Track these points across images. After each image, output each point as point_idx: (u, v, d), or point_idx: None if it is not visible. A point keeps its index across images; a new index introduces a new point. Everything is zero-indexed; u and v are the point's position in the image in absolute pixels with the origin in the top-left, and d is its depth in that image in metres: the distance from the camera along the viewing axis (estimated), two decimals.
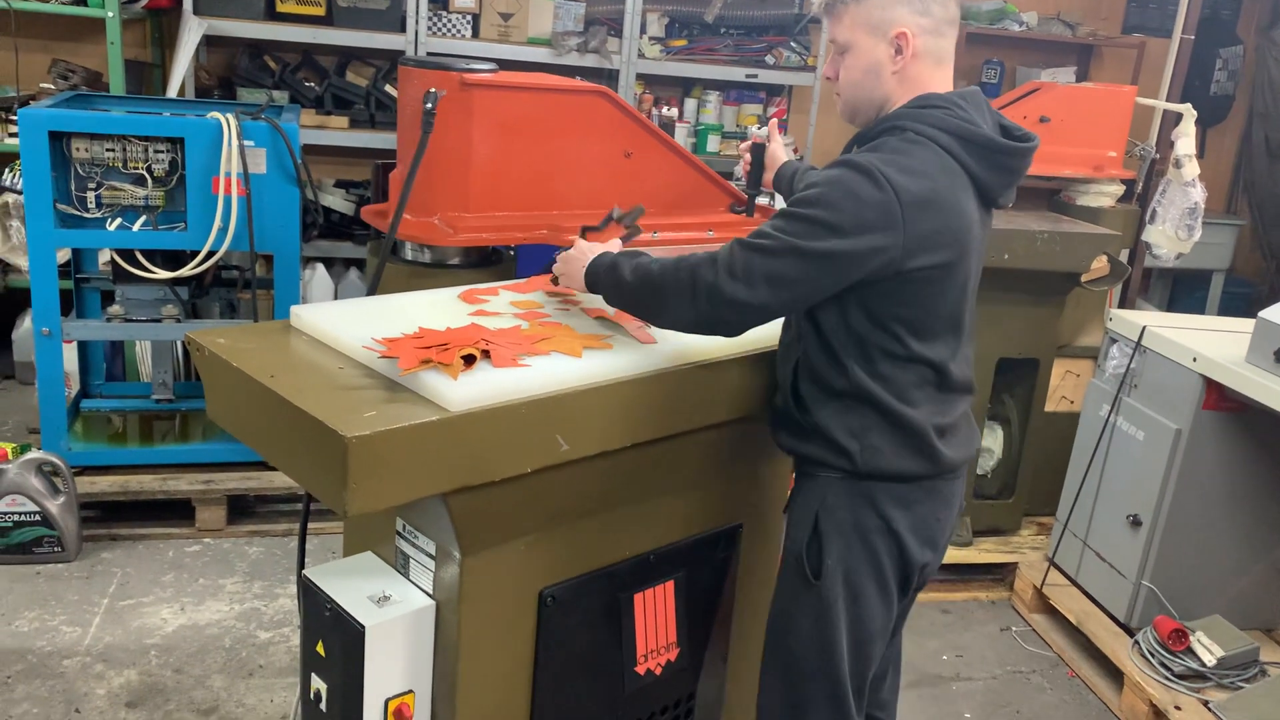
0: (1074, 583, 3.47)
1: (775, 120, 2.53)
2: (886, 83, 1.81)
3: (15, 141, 3.62)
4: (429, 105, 2.16)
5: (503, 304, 1.99)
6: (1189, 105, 3.96)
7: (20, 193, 3.92)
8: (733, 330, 1.79)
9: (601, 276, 1.85)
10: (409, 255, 2.46)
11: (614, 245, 2.00)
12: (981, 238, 1.85)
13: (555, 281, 2.02)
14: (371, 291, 2.20)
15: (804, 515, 1.89)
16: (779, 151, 2.45)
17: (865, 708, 1.99)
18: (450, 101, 2.18)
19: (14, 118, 3.91)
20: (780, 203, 2.78)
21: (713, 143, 5.27)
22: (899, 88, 1.81)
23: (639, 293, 1.79)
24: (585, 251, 1.92)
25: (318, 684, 1.75)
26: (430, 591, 1.74)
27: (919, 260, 1.71)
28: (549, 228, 2.35)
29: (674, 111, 5.20)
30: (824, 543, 1.85)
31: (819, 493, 1.87)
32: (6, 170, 4.32)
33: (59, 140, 3.25)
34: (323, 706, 1.75)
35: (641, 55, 4.92)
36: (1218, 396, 3.01)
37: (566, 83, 2.42)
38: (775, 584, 1.97)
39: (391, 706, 1.70)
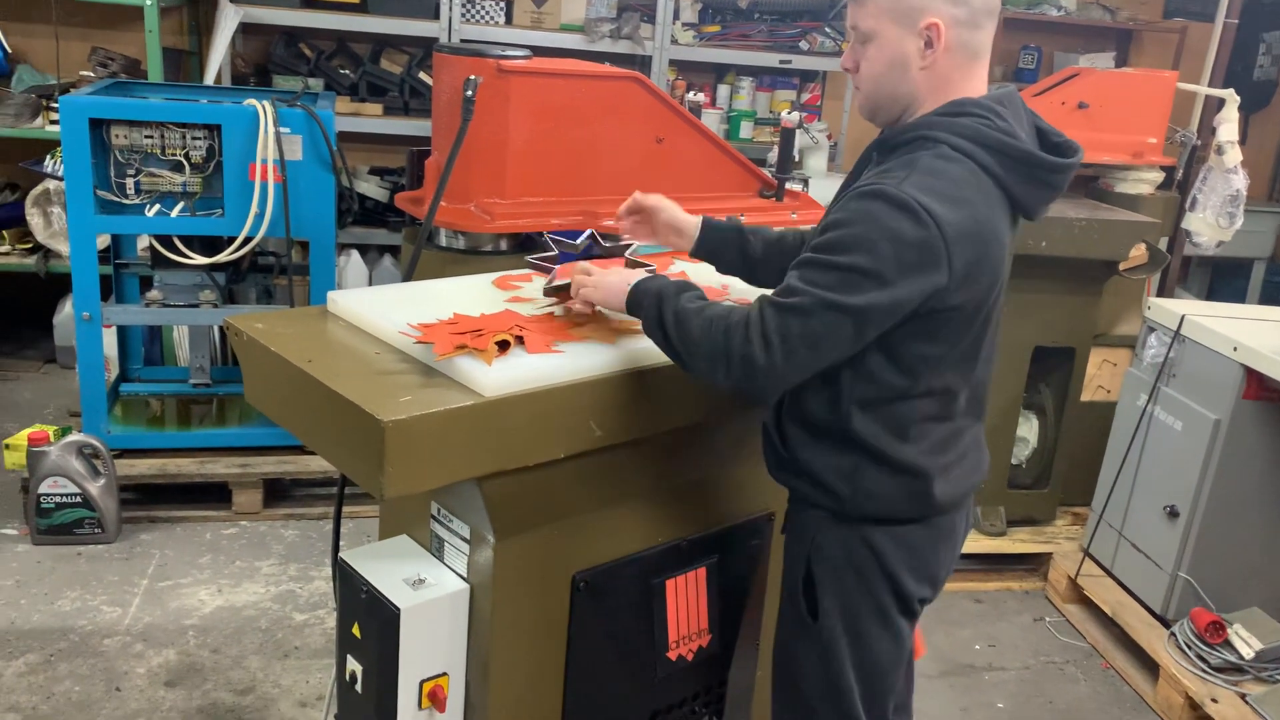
0: (1109, 574, 3.44)
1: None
2: (913, 79, 1.62)
3: (56, 129, 3.67)
4: (469, 92, 2.17)
5: (537, 290, 1.99)
6: (1231, 90, 3.89)
7: (61, 179, 3.98)
8: (770, 399, 1.68)
9: (646, 305, 1.67)
10: (443, 242, 2.47)
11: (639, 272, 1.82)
12: (1008, 255, 1.67)
13: (555, 289, 1.87)
14: (407, 277, 2.21)
15: (797, 550, 1.80)
16: (674, 210, 2.05)
17: None
18: (486, 88, 2.19)
19: (55, 105, 3.96)
20: (817, 186, 2.76)
21: (745, 129, 5.25)
22: (926, 86, 1.63)
23: (675, 343, 1.62)
24: (624, 274, 1.77)
25: (353, 665, 1.77)
26: (464, 575, 1.76)
27: (956, 298, 1.55)
28: (583, 213, 2.35)
29: (701, 97, 5.18)
30: (818, 583, 1.76)
31: (810, 530, 1.76)
32: (48, 157, 4.39)
33: (99, 127, 3.29)
34: (358, 688, 1.77)
35: (674, 41, 4.91)
36: (1258, 386, 2.96)
37: (600, 69, 2.42)
38: (779, 609, 1.89)
39: (426, 688, 1.72)
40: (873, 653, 1.78)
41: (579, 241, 2.03)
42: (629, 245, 2.06)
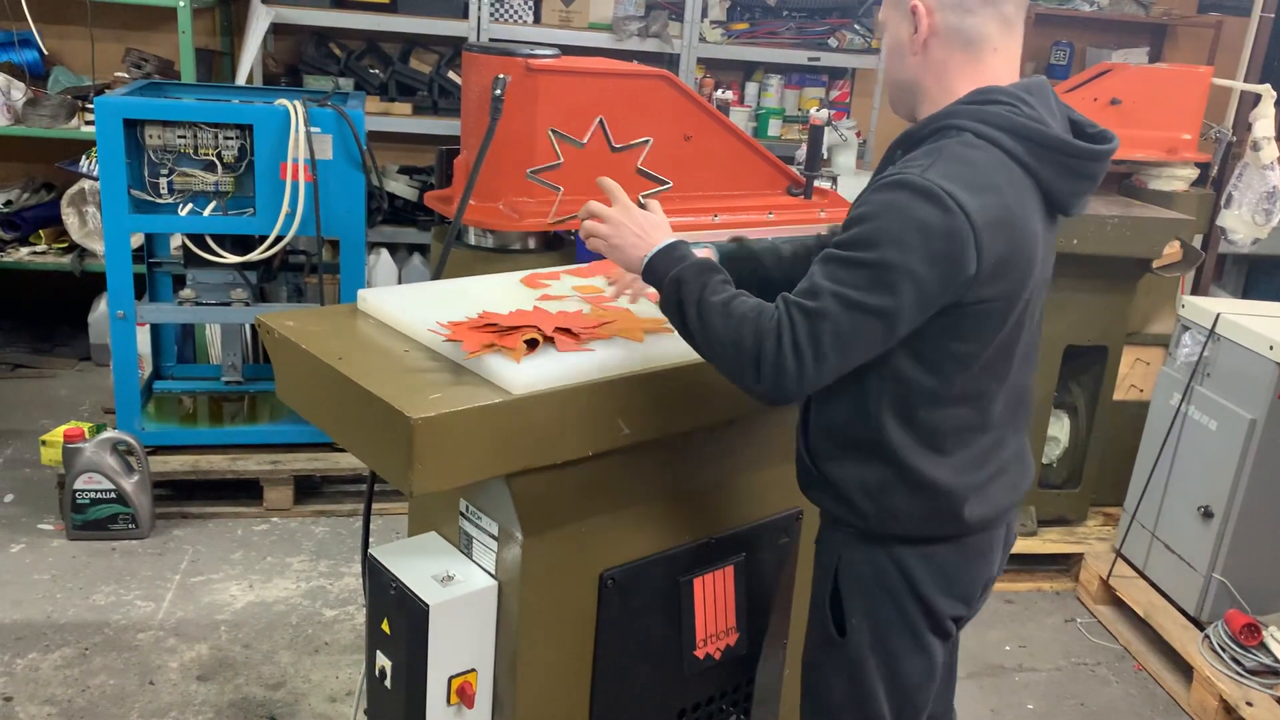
0: (1142, 575, 3.40)
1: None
2: (909, 65, 1.60)
3: (92, 129, 3.72)
4: (497, 91, 2.18)
5: (565, 288, 2.00)
6: (1268, 86, 3.83)
7: (96, 179, 4.03)
8: (792, 400, 1.54)
9: (665, 287, 1.59)
10: (472, 240, 2.48)
11: (663, 225, 1.70)
12: (1046, 254, 1.61)
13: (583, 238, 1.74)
14: (436, 276, 2.22)
15: (826, 564, 1.74)
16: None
17: None
18: (515, 87, 2.19)
19: (90, 106, 4.01)
20: (845, 184, 2.75)
21: (774, 127, 5.23)
22: (924, 70, 1.59)
23: (695, 336, 1.55)
24: (646, 230, 1.65)
25: (383, 661, 1.79)
26: (493, 572, 1.76)
27: (985, 290, 1.48)
28: None
29: (729, 95, 5.17)
30: (845, 601, 1.70)
31: (837, 546, 1.71)
32: (83, 157, 4.45)
33: (133, 128, 3.33)
34: (387, 683, 1.78)
35: (703, 39, 4.90)
36: None
37: (629, 67, 2.42)
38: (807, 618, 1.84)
39: (455, 684, 1.72)
40: (903, 672, 1.72)
41: None
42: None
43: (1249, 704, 2.81)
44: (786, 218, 2.49)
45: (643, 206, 1.75)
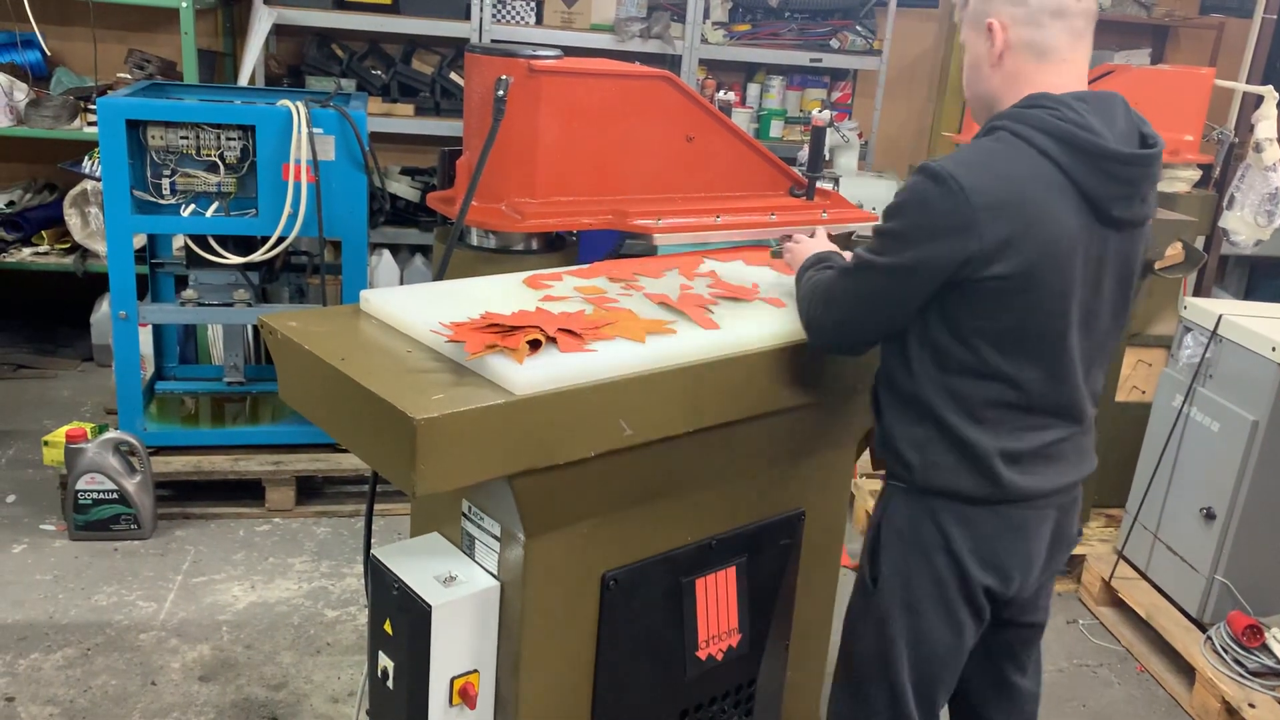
0: (1144, 576, 3.40)
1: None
2: (988, 78, 1.75)
3: (94, 130, 3.72)
4: (500, 92, 2.18)
5: (567, 288, 2.00)
6: (1270, 87, 3.83)
7: (98, 179, 4.03)
8: (842, 351, 1.85)
9: (799, 274, 1.94)
10: (474, 241, 2.48)
11: (822, 240, 2.12)
12: (1093, 253, 1.68)
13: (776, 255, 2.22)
14: (438, 276, 2.22)
15: (873, 520, 1.88)
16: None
17: None
18: (517, 88, 2.19)
19: (93, 107, 4.02)
20: (847, 185, 2.76)
21: (776, 128, 5.24)
22: (1000, 82, 1.73)
23: (799, 309, 1.88)
24: (805, 248, 2.06)
25: (385, 662, 1.79)
26: (495, 572, 1.77)
27: (998, 268, 1.61)
28: (613, 213, 2.35)
29: (731, 96, 5.17)
30: (881, 552, 1.83)
31: (886, 501, 1.85)
32: (86, 158, 4.45)
33: (135, 128, 3.33)
34: (389, 684, 1.78)
35: (704, 40, 4.91)
36: None
37: (631, 68, 2.41)
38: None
39: (457, 685, 1.73)
40: (927, 631, 1.81)
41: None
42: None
43: (1251, 705, 2.80)
44: (789, 219, 2.48)
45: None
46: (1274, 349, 2.93)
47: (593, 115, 2.31)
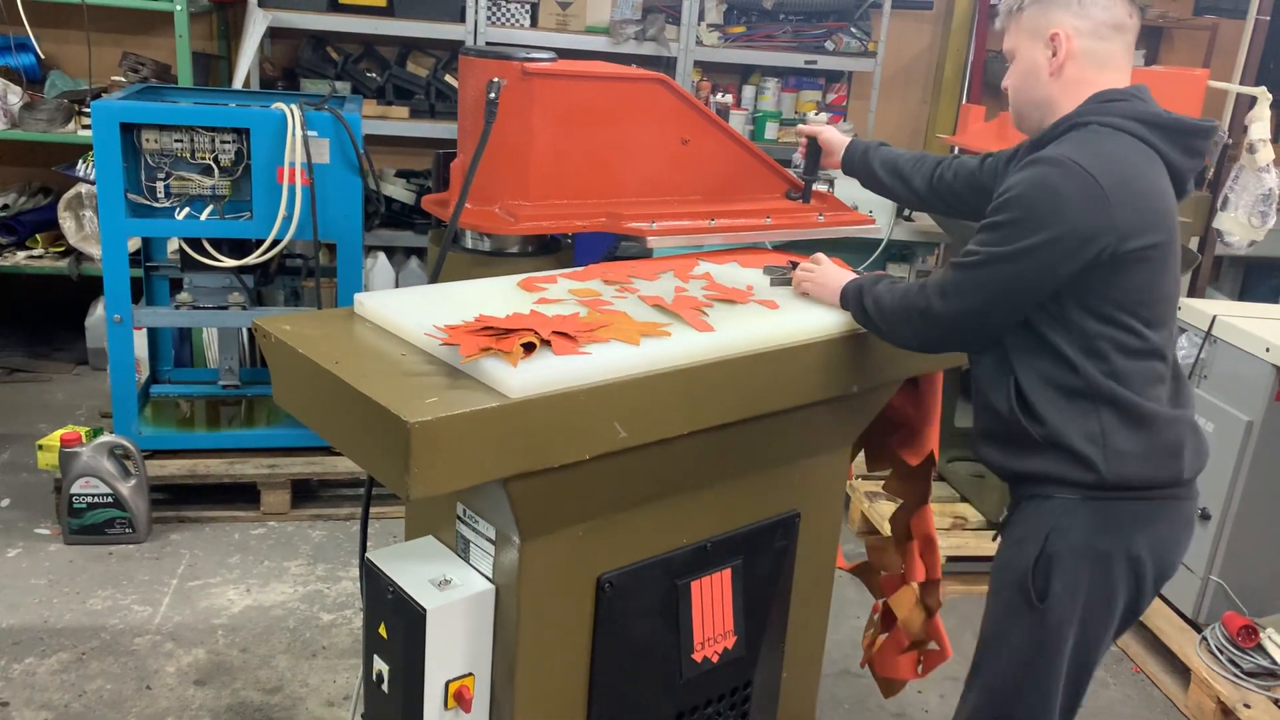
0: None
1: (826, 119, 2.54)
2: (1045, 84, 1.83)
3: (88, 133, 3.72)
4: (492, 95, 2.18)
5: (561, 291, 2.00)
6: (1264, 89, 3.84)
7: (93, 183, 4.02)
8: (958, 347, 1.90)
9: (850, 303, 1.95)
10: (469, 244, 2.48)
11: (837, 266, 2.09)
12: (1176, 224, 1.81)
13: (780, 280, 2.14)
14: (433, 279, 2.22)
15: (1032, 535, 1.82)
16: (834, 135, 2.43)
17: None
18: (511, 90, 2.19)
19: (87, 110, 4.02)
20: (843, 186, 2.76)
21: (771, 130, 5.24)
22: (1059, 89, 1.82)
23: (876, 325, 1.89)
24: (832, 275, 2.02)
25: (380, 665, 1.79)
26: (490, 576, 1.76)
27: (1136, 241, 1.69)
28: (607, 215, 2.35)
29: (729, 98, 5.18)
30: (1053, 566, 1.79)
31: (1052, 514, 1.80)
32: (80, 161, 4.45)
33: (130, 131, 3.33)
34: (384, 687, 1.78)
35: (700, 42, 4.91)
36: None
37: (625, 71, 2.41)
38: (987, 604, 1.94)
39: (452, 688, 1.72)
40: (1092, 641, 1.84)
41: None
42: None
43: (1246, 706, 2.81)
44: (784, 221, 2.48)
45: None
46: (1268, 350, 2.94)
47: (586, 118, 2.31)
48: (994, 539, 1.96)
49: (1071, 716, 1.92)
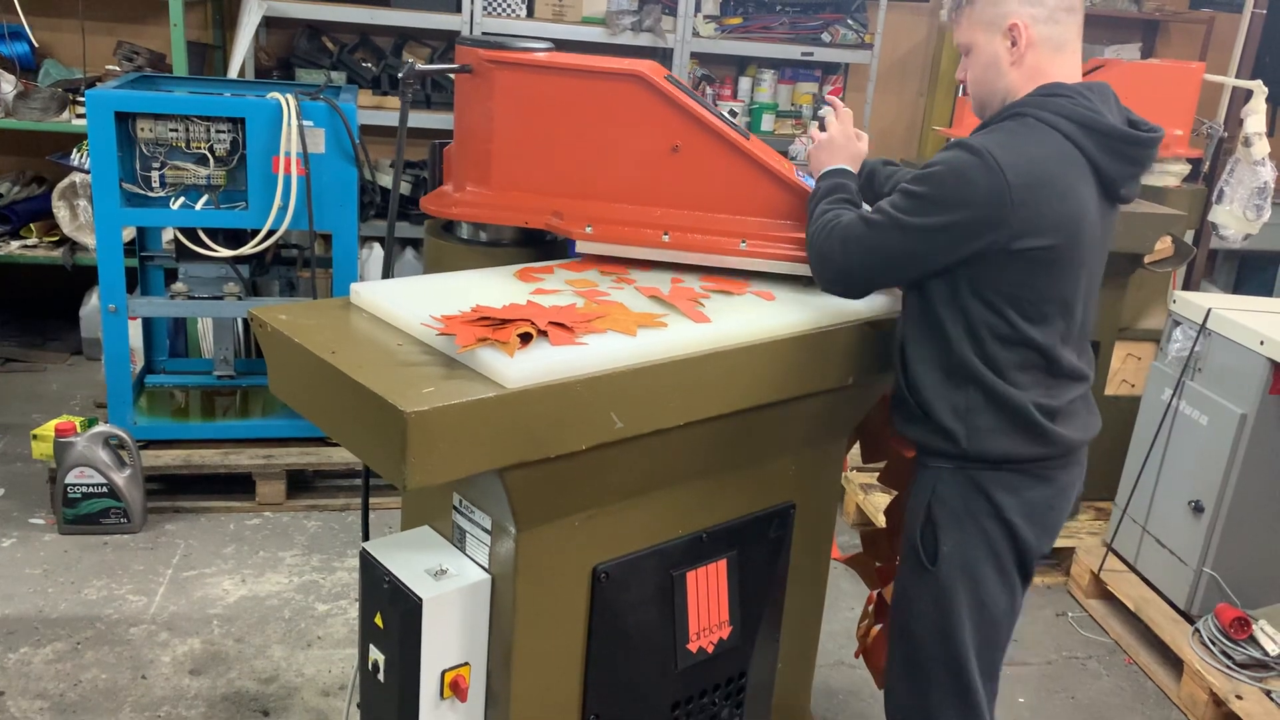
0: (1133, 569, 3.42)
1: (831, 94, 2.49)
2: (1007, 74, 1.86)
3: (83, 122, 3.70)
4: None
5: (558, 282, 2.00)
6: (1259, 82, 3.85)
7: (87, 172, 4.01)
8: (843, 293, 1.92)
9: (814, 190, 2.01)
10: (465, 234, 2.47)
11: (859, 147, 2.10)
12: (1102, 230, 1.87)
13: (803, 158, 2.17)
14: (429, 269, 2.22)
15: (918, 504, 1.95)
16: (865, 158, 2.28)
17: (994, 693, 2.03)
18: (478, 78, 2.14)
19: (81, 99, 4.00)
20: None
21: (767, 121, 5.23)
22: (1021, 77, 1.85)
23: (807, 229, 1.95)
24: (834, 150, 2.06)
25: (376, 655, 1.79)
26: (486, 566, 1.77)
27: (1027, 241, 1.74)
28: (554, 213, 2.18)
29: (725, 95, 5.17)
30: (938, 531, 1.91)
31: (930, 481, 1.93)
32: (74, 150, 4.43)
33: (124, 121, 3.31)
34: (380, 677, 1.78)
35: (696, 34, 4.90)
36: None
37: (600, 64, 2.09)
38: (896, 574, 2.06)
39: (448, 678, 1.73)
40: (987, 599, 1.92)
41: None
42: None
43: (1239, 697, 2.82)
44: (759, 250, 2.23)
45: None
46: (1262, 343, 2.94)
47: (551, 111, 2.17)
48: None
49: (995, 670, 2.01)
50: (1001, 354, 1.83)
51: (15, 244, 4.58)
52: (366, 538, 2.05)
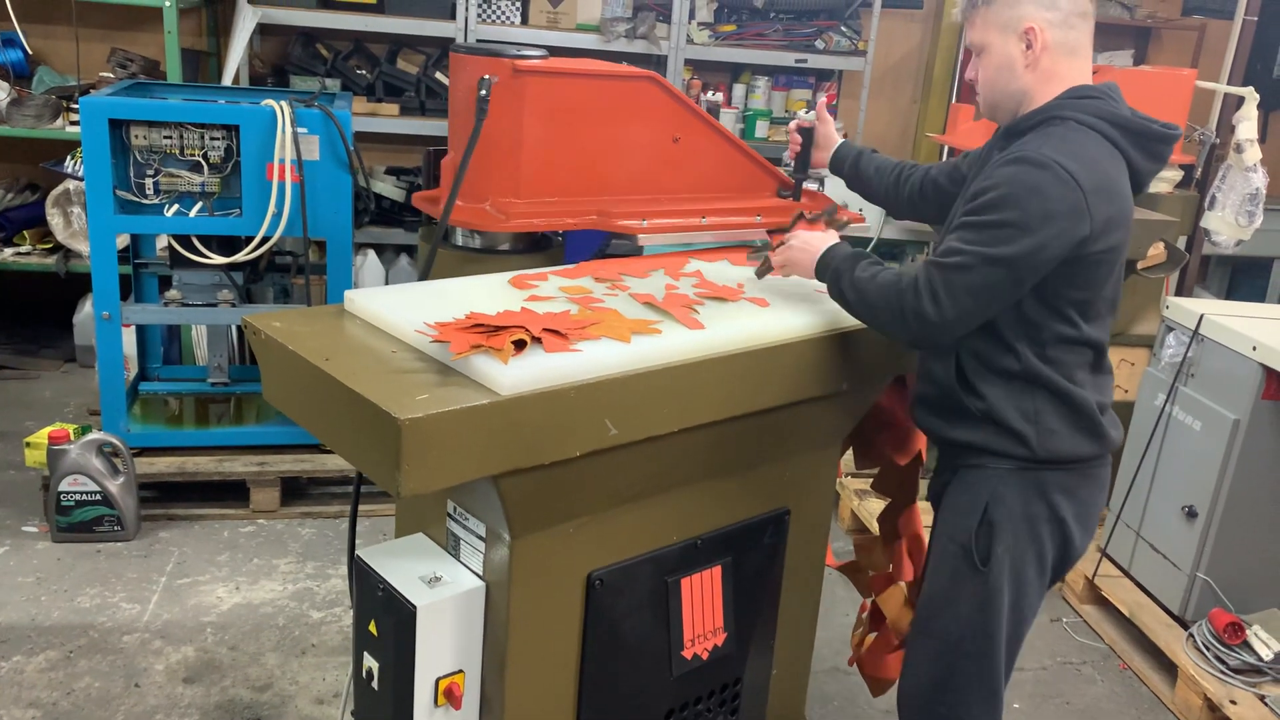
0: (1127, 574, 3.42)
1: (824, 102, 2.52)
2: (1021, 77, 1.87)
3: (77, 129, 3.69)
4: (483, 92, 2.18)
5: (552, 288, 2.00)
6: (1251, 89, 3.86)
7: (81, 179, 4.01)
8: (944, 343, 1.89)
9: (828, 280, 1.94)
10: (459, 241, 2.48)
11: (831, 236, 2.04)
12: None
13: (764, 268, 2.10)
14: (423, 276, 2.22)
15: (972, 503, 1.94)
16: (831, 133, 2.45)
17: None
18: (502, 88, 2.19)
19: (75, 106, 3.99)
20: (834, 184, 2.77)
21: (761, 128, 5.24)
22: (1035, 80, 1.87)
23: (857, 309, 1.89)
24: (811, 244, 1.99)
25: (370, 662, 1.78)
26: (480, 573, 1.77)
27: (1099, 244, 1.78)
28: (598, 213, 2.35)
29: (719, 96, 5.18)
30: (995, 532, 1.91)
31: (989, 483, 1.92)
32: (68, 157, 4.43)
33: (118, 128, 3.31)
34: (374, 685, 1.78)
35: (690, 41, 4.91)
36: (1278, 386, 2.94)
37: (617, 68, 2.41)
38: (928, 568, 2.06)
39: (442, 685, 1.72)
40: (1026, 601, 1.96)
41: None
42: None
43: (1233, 702, 2.83)
44: (775, 219, 2.49)
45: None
46: (1255, 348, 2.95)
47: (577, 115, 2.31)
48: (927, 497, 2.08)
49: (1011, 664, 2.04)
50: (1065, 355, 1.86)
51: (9, 251, 4.57)
52: (353, 547, 2.05)
